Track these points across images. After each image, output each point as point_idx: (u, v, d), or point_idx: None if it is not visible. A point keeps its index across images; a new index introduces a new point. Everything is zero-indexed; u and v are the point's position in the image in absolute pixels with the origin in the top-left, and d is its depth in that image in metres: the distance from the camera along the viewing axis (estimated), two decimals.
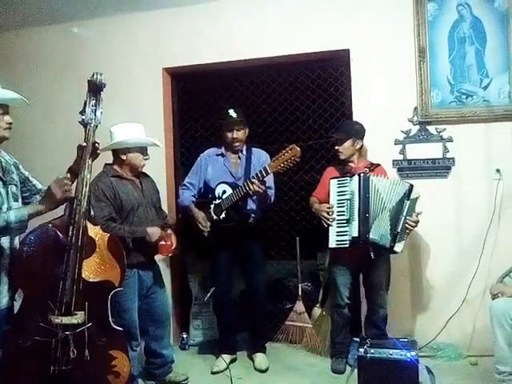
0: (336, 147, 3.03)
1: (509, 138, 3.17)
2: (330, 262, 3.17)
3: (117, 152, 2.74)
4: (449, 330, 3.20)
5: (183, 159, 3.82)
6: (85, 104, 2.16)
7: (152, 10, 3.61)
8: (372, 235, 2.78)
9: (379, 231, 2.80)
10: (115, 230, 2.57)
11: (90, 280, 2.13)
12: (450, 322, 3.19)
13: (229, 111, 3.11)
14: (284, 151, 2.83)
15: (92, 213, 2.34)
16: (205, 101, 3.76)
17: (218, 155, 3.19)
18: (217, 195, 3.07)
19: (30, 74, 3.82)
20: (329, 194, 2.95)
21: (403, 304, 3.31)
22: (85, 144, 2.10)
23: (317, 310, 3.48)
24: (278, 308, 3.65)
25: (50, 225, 2.11)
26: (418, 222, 2.86)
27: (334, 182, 2.93)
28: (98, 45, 3.73)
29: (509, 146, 3.17)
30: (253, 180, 2.87)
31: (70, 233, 2.04)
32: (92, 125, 2.14)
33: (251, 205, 3.11)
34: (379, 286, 3.02)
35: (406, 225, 2.82)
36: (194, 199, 3.16)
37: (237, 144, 3.13)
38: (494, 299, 2.65)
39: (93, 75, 2.15)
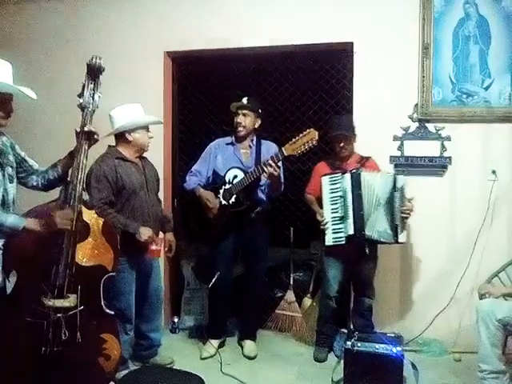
0: (341, 144, 2.99)
1: (507, 139, 3.19)
2: (322, 253, 3.20)
3: (121, 134, 2.71)
4: (435, 326, 3.25)
5: (181, 144, 3.81)
6: (83, 87, 2.15)
7: None
8: (367, 232, 2.82)
9: (375, 227, 2.83)
10: (109, 216, 2.55)
11: (84, 264, 2.16)
12: (437, 319, 3.24)
13: (241, 97, 3.10)
14: (301, 135, 2.79)
15: (86, 197, 2.34)
16: (206, 86, 3.74)
17: (227, 144, 3.18)
18: (227, 180, 3.06)
19: (29, 50, 3.79)
20: (321, 190, 2.96)
21: (392, 299, 3.36)
22: (80, 128, 2.09)
23: (307, 301, 3.52)
24: (269, 296, 3.68)
25: (46, 208, 2.12)
26: (413, 207, 2.89)
27: (325, 179, 2.94)
28: (101, 24, 3.69)
29: (506, 147, 3.19)
30: (269, 162, 2.83)
31: None
32: (90, 109, 2.14)
33: (260, 194, 3.12)
34: (369, 279, 3.08)
35: (402, 214, 2.85)
36: (201, 184, 3.15)
37: (240, 129, 3.10)
38: (481, 299, 2.69)
39: (92, 58, 2.13)
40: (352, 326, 3.09)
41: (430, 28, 3.22)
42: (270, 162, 2.82)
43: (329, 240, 2.91)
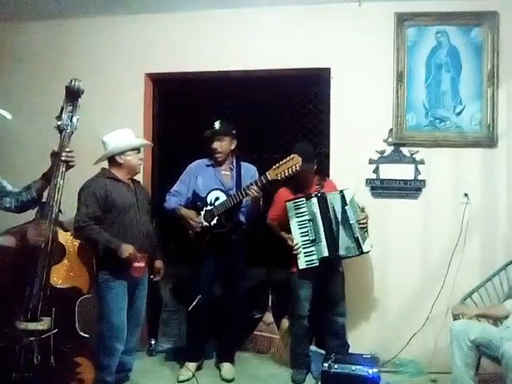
0: (303, 174, 2.99)
1: (478, 163, 3.30)
2: (291, 274, 3.21)
3: (113, 157, 2.79)
4: (412, 346, 3.28)
5: (161, 165, 3.83)
6: (61, 110, 2.17)
7: (138, 14, 3.62)
8: (341, 251, 2.88)
9: (343, 245, 2.90)
10: (93, 231, 2.60)
11: (58, 286, 2.14)
12: (413, 339, 3.27)
13: (213, 122, 3.14)
14: (285, 159, 2.85)
15: (63, 218, 2.33)
16: (185, 108, 3.78)
17: (208, 166, 3.21)
18: (209, 202, 3.08)
19: (9, 71, 3.78)
20: (285, 215, 3.01)
21: (368, 320, 3.39)
22: (58, 150, 2.10)
23: (285, 322, 3.52)
24: (247, 317, 3.67)
25: (21, 229, 2.11)
26: (367, 215, 2.97)
27: (290, 205, 3.00)
28: (81, 46, 3.71)
29: (477, 171, 3.29)
30: (253, 186, 2.88)
31: None
32: (68, 131, 2.16)
33: (241, 216, 3.14)
34: (339, 296, 3.13)
35: (360, 225, 2.93)
36: (181, 204, 3.15)
37: (217, 155, 3.15)
38: (455, 319, 2.74)
39: (71, 81, 2.15)
40: (328, 347, 3.10)
41: (404, 56, 3.34)
42: (254, 186, 2.87)
43: (302, 264, 2.96)
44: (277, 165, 2.85)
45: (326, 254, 2.88)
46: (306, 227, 2.96)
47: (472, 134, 3.29)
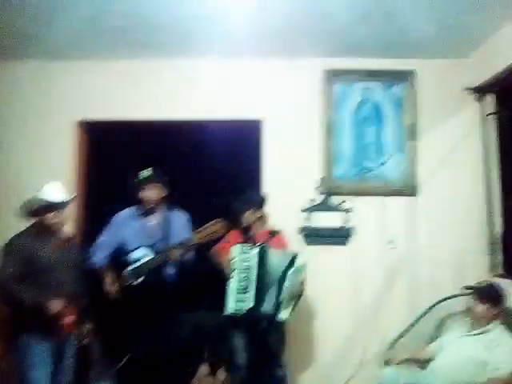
0: (238, 216, 3.11)
1: (401, 211, 3.50)
2: (224, 324, 3.19)
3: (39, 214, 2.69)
4: None
5: (91, 214, 3.71)
6: None
7: (70, 62, 3.55)
8: (265, 307, 2.88)
9: (270, 302, 2.90)
10: (15, 290, 2.51)
11: None
12: None
13: (141, 170, 3.10)
14: (210, 224, 2.90)
15: None
16: (118, 156, 3.72)
17: (135, 216, 3.13)
18: (135, 258, 3.00)
19: None
20: (229, 256, 3.02)
21: (302, 367, 3.41)
22: None
23: (222, 373, 3.45)
24: (181, 370, 3.56)
25: None
26: (303, 289, 2.98)
27: (237, 248, 3.01)
28: (12, 90, 3.57)
29: (401, 218, 3.49)
30: (175, 250, 2.88)
31: None
32: None
33: (169, 269, 3.08)
34: (276, 350, 3.10)
35: (292, 294, 2.94)
36: (106, 260, 3.07)
37: (148, 204, 3.10)
38: (384, 366, 2.83)
39: None
40: None
41: (332, 109, 3.53)
42: (177, 249, 2.88)
43: (230, 308, 2.94)
44: (200, 229, 2.91)
45: (251, 305, 2.88)
46: (244, 274, 2.96)
47: (395, 183, 3.50)
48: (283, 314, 2.91)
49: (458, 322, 3.17)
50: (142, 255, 2.99)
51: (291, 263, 2.92)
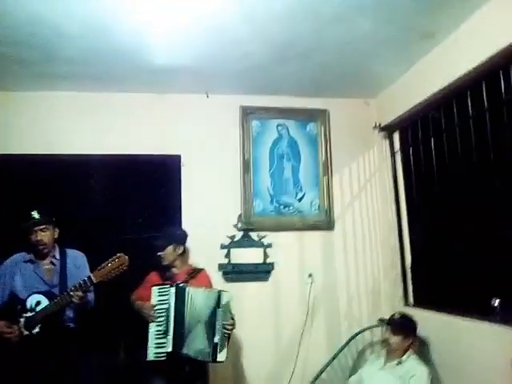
0: (158, 253, 3.02)
1: (318, 245, 3.57)
2: (145, 370, 3.00)
3: None
4: None
5: None
6: None
7: None
8: (186, 350, 2.74)
9: (195, 346, 2.76)
10: None
11: None
12: None
13: (31, 212, 2.86)
14: (111, 259, 2.71)
15: None
16: (15, 193, 3.40)
17: (26, 262, 2.87)
18: (29, 307, 2.73)
19: None
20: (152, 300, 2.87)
21: None
22: None
23: None
24: None
25: None
26: (234, 324, 2.90)
27: (155, 290, 2.87)
28: None
29: (318, 252, 3.56)
30: (75, 293, 2.65)
31: None
32: None
33: (69, 313, 2.84)
34: None
35: (224, 330, 2.85)
36: None
37: (42, 247, 2.86)
38: None
39: None
40: None
41: (250, 146, 3.57)
42: (77, 291, 2.67)
43: (150, 354, 2.77)
44: (102, 265, 2.72)
45: (169, 348, 2.74)
46: (162, 316, 2.81)
47: (312, 218, 3.58)
48: (221, 356, 2.79)
49: (375, 353, 3.26)
50: (35, 303, 2.74)
51: (218, 301, 2.83)
